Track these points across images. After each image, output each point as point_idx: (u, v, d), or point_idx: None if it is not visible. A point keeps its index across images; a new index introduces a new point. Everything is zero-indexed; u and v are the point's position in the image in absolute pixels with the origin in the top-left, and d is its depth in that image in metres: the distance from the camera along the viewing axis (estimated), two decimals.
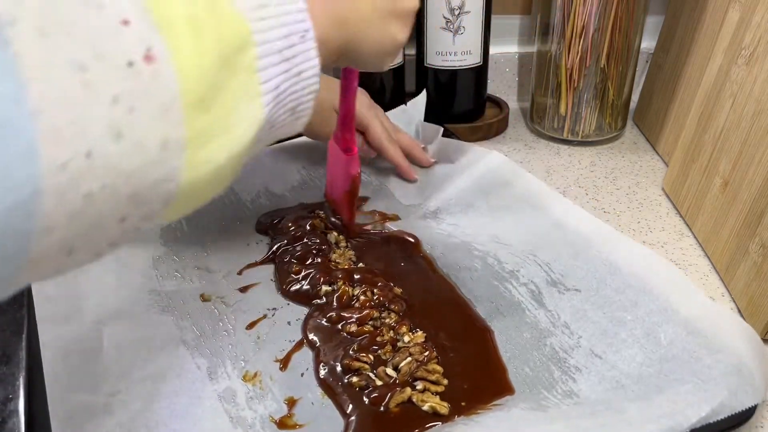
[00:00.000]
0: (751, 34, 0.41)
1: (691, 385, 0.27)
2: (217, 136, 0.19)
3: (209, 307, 0.37)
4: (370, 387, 0.31)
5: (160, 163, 0.17)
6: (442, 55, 0.56)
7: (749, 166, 0.38)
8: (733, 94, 0.42)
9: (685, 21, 0.54)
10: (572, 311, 0.34)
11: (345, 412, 0.29)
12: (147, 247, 0.42)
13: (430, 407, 0.29)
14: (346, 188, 0.41)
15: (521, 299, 0.36)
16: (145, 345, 0.33)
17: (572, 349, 0.32)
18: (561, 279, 0.36)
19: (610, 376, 0.30)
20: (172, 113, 0.17)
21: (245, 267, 0.41)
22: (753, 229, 0.37)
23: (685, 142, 0.48)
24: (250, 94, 0.20)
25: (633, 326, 0.31)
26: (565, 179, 0.52)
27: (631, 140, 0.59)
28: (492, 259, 0.39)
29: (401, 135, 0.49)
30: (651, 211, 0.48)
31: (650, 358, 0.30)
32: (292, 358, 0.33)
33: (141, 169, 0.17)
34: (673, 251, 0.43)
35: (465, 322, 0.35)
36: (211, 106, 0.19)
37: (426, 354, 0.32)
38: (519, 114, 0.64)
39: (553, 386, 0.30)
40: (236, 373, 0.32)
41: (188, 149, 0.18)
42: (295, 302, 0.37)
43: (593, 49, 0.53)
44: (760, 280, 0.35)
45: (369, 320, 0.35)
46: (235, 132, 0.20)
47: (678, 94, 0.53)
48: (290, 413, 0.30)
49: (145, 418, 0.29)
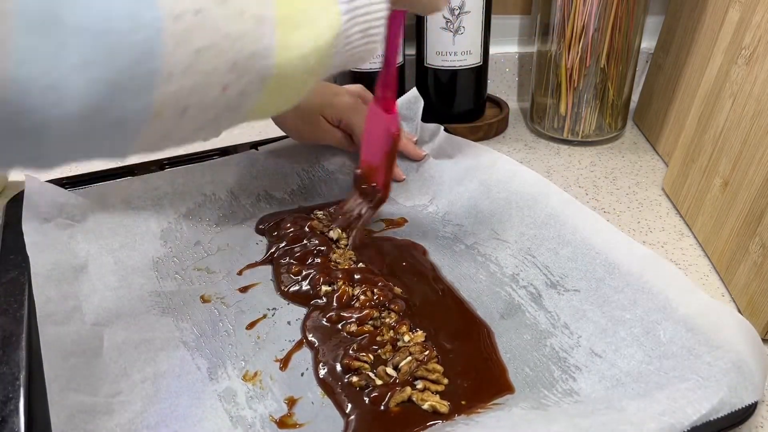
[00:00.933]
0: (751, 34, 0.41)
1: (691, 383, 0.27)
2: (302, 26, 0.22)
3: (209, 307, 0.37)
4: (370, 386, 0.31)
5: (257, 36, 0.20)
6: (442, 55, 0.56)
7: (749, 166, 0.38)
8: (733, 94, 0.42)
9: (685, 21, 0.54)
10: (572, 312, 0.34)
11: (344, 411, 0.29)
12: (147, 249, 0.42)
13: (430, 406, 0.29)
14: (386, 149, 0.41)
15: (521, 302, 0.36)
16: (146, 346, 0.33)
17: (572, 349, 0.32)
18: (560, 280, 0.36)
19: (610, 375, 0.30)
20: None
21: (245, 267, 0.41)
22: (753, 229, 0.37)
23: (685, 142, 0.48)
24: (330, 6, 0.23)
25: (632, 325, 0.31)
26: (565, 179, 0.52)
27: (631, 140, 0.59)
28: (494, 265, 0.39)
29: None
30: (651, 211, 0.48)
31: (650, 356, 0.30)
32: (292, 357, 0.33)
33: (241, 37, 0.19)
34: (673, 251, 0.43)
35: (465, 321, 0.35)
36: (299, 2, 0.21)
37: (426, 353, 0.32)
38: (519, 114, 0.64)
39: (553, 385, 0.30)
40: (236, 373, 0.32)
41: (279, 29, 0.21)
42: (294, 303, 0.37)
43: (593, 49, 0.53)
44: (760, 280, 0.35)
45: (369, 320, 0.35)
46: (318, 27, 0.22)
47: (678, 94, 0.53)
48: (290, 413, 0.30)
49: (145, 419, 0.29)
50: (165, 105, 0.19)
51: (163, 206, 0.45)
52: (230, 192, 0.47)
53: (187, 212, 0.45)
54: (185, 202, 0.45)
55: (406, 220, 0.45)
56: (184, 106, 0.20)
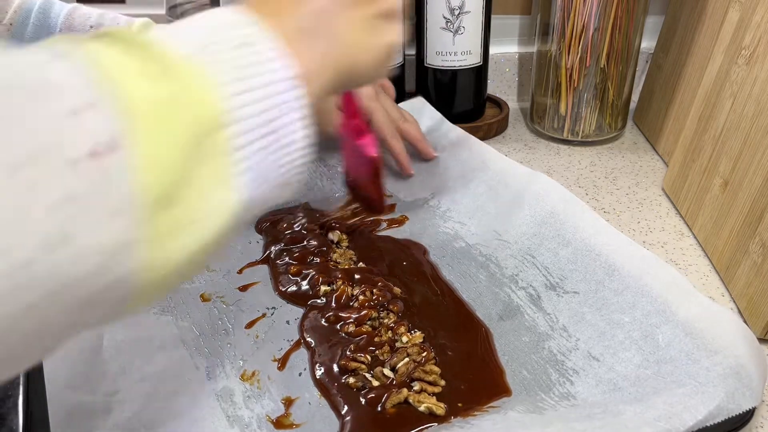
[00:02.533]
0: (751, 34, 0.41)
1: (688, 388, 0.27)
2: (183, 231, 0.17)
3: (209, 306, 0.37)
4: (367, 388, 0.31)
5: (112, 267, 0.16)
6: (442, 55, 0.56)
7: (749, 166, 0.38)
8: (733, 94, 0.42)
9: (685, 21, 0.53)
10: (570, 314, 0.34)
11: (340, 412, 0.30)
12: None
13: (427, 408, 0.29)
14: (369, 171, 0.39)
15: (520, 303, 0.36)
16: (145, 345, 0.33)
17: (570, 352, 0.32)
18: (560, 282, 0.36)
19: (607, 379, 0.30)
20: (125, 215, 0.15)
21: (245, 266, 0.41)
22: (753, 229, 0.37)
23: (685, 142, 0.48)
24: (222, 180, 0.18)
25: (631, 328, 0.31)
26: (565, 179, 0.52)
27: (631, 140, 0.59)
28: (494, 266, 0.39)
29: (408, 125, 0.47)
30: (651, 211, 0.47)
31: (648, 360, 0.30)
32: (290, 357, 0.33)
33: (90, 276, 0.15)
34: (673, 251, 0.43)
35: (464, 323, 0.35)
36: (176, 201, 0.17)
37: (424, 355, 0.32)
38: (519, 114, 0.64)
39: (550, 388, 0.30)
40: (234, 372, 0.32)
41: (146, 250, 0.16)
42: (291, 303, 0.37)
43: (593, 49, 0.53)
44: (760, 280, 0.35)
45: (367, 320, 0.35)
46: (206, 222, 0.18)
47: (678, 94, 0.53)
48: (287, 413, 0.30)
49: (143, 418, 0.29)
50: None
51: None
52: None
53: None
54: None
55: (407, 218, 0.45)
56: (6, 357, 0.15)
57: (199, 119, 0.17)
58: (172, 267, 0.17)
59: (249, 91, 0.18)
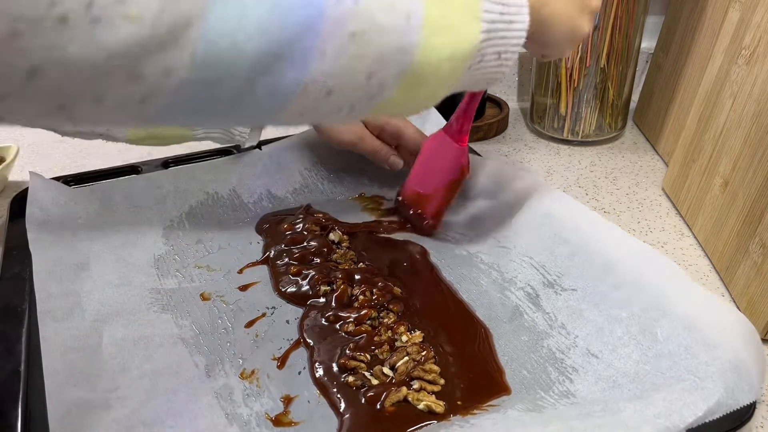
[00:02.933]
0: (751, 34, 0.41)
1: (687, 383, 0.27)
2: (445, 32, 0.23)
3: (209, 305, 0.37)
4: (366, 386, 0.31)
5: (405, 31, 0.21)
6: None
7: (749, 166, 0.38)
8: (733, 94, 0.42)
9: (685, 21, 0.53)
10: (569, 311, 0.34)
11: (339, 411, 0.30)
12: (149, 247, 0.42)
13: (426, 406, 0.29)
14: (451, 178, 0.41)
15: (519, 303, 0.36)
16: (144, 342, 0.33)
17: (569, 349, 0.32)
18: (557, 279, 0.36)
19: (606, 376, 0.30)
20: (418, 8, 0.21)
21: (246, 266, 0.41)
22: (753, 229, 0.36)
23: (685, 142, 0.48)
24: (473, 14, 0.24)
25: (629, 323, 0.31)
26: (565, 179, 0.52)
27: (631, 140, 0.59)
28: (495, 272, 0.39)
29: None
30: (651, 211, 0.47)
31: (647, 355, 0.29)
32: (289, 356, 0.33)
33: (391, 29, 0.21)
34: (673, 251, 0.43)
35: (464, 323, 0.35)
36: (442, 5, 0.23)
37: (423, 354, 0.32)
38: (519, 114, 0.64)
39: (550, 387, 0.30)
40: (234, 370, 0.32)
41: (425, 29, 0.22)
42: (291, 303, 0.37)
43: (593, 49, 0.53)
44: (760, 280, 0.35)
45: (367, 320, 0.35)
46: (458, 37, 0.23)
47: (678, 94, 0.53)
48: (286, 411, 0.30)
49: (142, 415, 0.29)
50: (314, 82, 0.20)
51: (166, 204, 0.45)
52: (232, 190, 0.47)
53: (190, 210, 0.45)
54: (188, 201, 0.46)
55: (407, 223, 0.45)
56: (331, 88, 0.21)
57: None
58: (435, 60, 0.23)
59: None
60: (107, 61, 0.16)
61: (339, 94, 0.21)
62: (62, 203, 0.42)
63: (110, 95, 0.17)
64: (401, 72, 0.22)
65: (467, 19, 0.24)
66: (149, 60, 0.16)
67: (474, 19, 0.24)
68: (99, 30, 0.15)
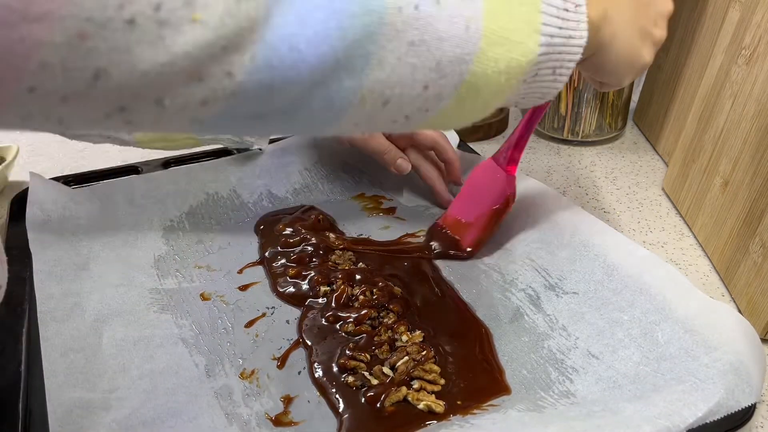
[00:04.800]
0: (751, 34, 0.41)
1: (688, 385, 0.27)
2: (503, 44, 0.22)
3: (209, 305, 0.37)
4: (366, 386, 0.31)
5: (464, 40, 0.21)
6: None
7: (749, 166, 0.38)
8: (733, 94, 0.42)
9: (685, 21, 0.53)
10: (570, 314, 0.34)
11: (338, 411, 0.29)
12: (149, 247, 0.42)
13: (426, 405, 0.29)
14: (496, 206, 0.39)
15: (520, 304, 0.36)
16: (144, 342, 0.33)
17: (569, 351, 0.32)
18: (558, 282, 0.36)
19: (606, 377, 0.30)
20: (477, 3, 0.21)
21: (245, 266, 0.41)
22: (753, 229, 0.36)
23: (685, 142, 0.48)
24: (531, 27, 0.23)
25: (630, 326, 0.31)
26: (565, 179, 0.52)
27: (631, 140, 0.59)
28: (497, 274, 0.39)
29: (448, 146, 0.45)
30: (651, 211, 0.47)
31: (647, 357, 0.30)
32: (289, 356, 0.33)
33: (450, 38, 0.21)
34: (673, 251, 0.43)
35: (464, 323, 0.35)
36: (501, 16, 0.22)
37: (423, 353, 0.32)
38: (519, 114, 0.64)
39: (550, 387, 0.30)
40: (234, 370, 0.32)
41: (484, 40, 0.22)
42: (291, 304, 0.37)
43: None
44: (760, 280, 0.35)
45: (367, 320, 0.35)
46: (516, 49, 0.23)
47: (678, 94, 0.53)
48: (286, 411, 0.30)
49: (142, 415, 0.29)
50: (371, 91, 0.20)
51: (166, 205, 0.45)
52: (232, 190, 0.47)
53: (190, 211, 0.45)
54: (188, 201, 0.46)
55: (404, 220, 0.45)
56: (388, 98, 0.21)
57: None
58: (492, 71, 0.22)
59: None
60: (171, 63, 0.16)
61: (395, 104, 0.21)
62: (62, 203, 0.42)
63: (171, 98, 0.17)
64: (457, 82, 0.22)
65: (526, 32, 0.23)
66: (211, 63, 0.16)
67: (533, 32, 0.23)
68: (166, 32, 0.15)
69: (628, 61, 0.29)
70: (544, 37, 0.24)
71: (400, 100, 0.21)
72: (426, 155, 0.45)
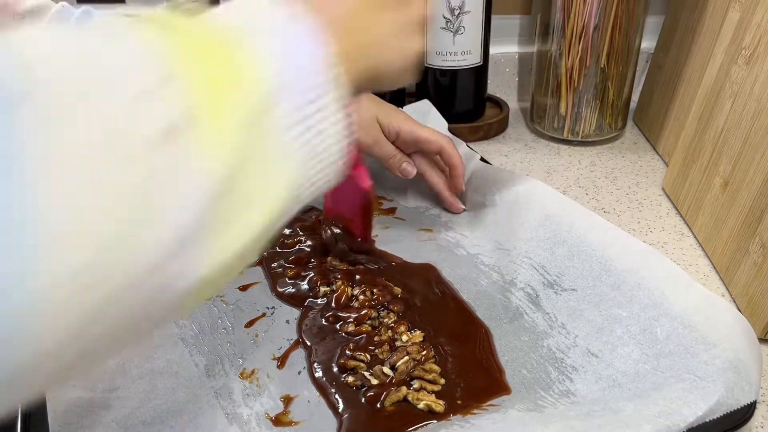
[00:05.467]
0: (751, 34, 0.41)
1: (687, 383, 0.27)
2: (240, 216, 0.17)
3: (208, 305, 0.37)
4: (366, 386, 0.31)
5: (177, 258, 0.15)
6: (442, 55, 0.56)
7: (749, 166, 0.38)
8: (733, 94, 0.42)
9: (685, 21, 0.53)
10: (569, 311, 0.34)
11: (338, 411, 0.29)
12: None
13: (426, 405, 0.29)
14: (360, 203, 0.39)
15: (519, 304, 0.36)
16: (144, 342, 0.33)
17: (569, 349, 0.32)
18: (557, 279, 0.36)
19: (606, 375, 0.30)
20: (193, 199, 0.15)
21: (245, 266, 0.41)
22: (753, 229, 0.36)
23: (685, 142, 0.48)
24: (276, 160, 0.18)
25: (629, 323, 0.31)
26: (565, 179, 0.52)
27: (631, 140, 0.59)
28: (496, 274, 0.39)
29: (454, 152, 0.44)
30: (651, 211, 0.47)
31: (647, 354, 0.30)
32: (289, 356, 0.33)
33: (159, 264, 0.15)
34: (673, 251, 0.43)
35: (464, 323, 0.35)
36: (236, 184, 0.16)
37: (423, 353, 0.32)
38: (519, 114, 0.64)
39: (550, 386, 0.30)
40: (234, 370, 0.32)
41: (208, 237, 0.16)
42: (290, 305, 0.37)
43: (593, 49, 0.53)
44: (760, 280, 0.35)
45: (367, 320, 0.35)
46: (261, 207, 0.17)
47: (678, 94, 0.53)
48: (286, 411, 0.30)
49: (141, 414, 0.29)
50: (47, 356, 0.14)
51: None
52: None
53: None
54: None
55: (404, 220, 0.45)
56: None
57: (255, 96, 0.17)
58: (229, 255, 0.16)
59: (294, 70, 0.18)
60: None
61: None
62: None
63: None
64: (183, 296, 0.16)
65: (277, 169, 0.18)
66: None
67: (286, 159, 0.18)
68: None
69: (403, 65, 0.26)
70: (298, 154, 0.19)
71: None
72: (432, 161, 0.45)
